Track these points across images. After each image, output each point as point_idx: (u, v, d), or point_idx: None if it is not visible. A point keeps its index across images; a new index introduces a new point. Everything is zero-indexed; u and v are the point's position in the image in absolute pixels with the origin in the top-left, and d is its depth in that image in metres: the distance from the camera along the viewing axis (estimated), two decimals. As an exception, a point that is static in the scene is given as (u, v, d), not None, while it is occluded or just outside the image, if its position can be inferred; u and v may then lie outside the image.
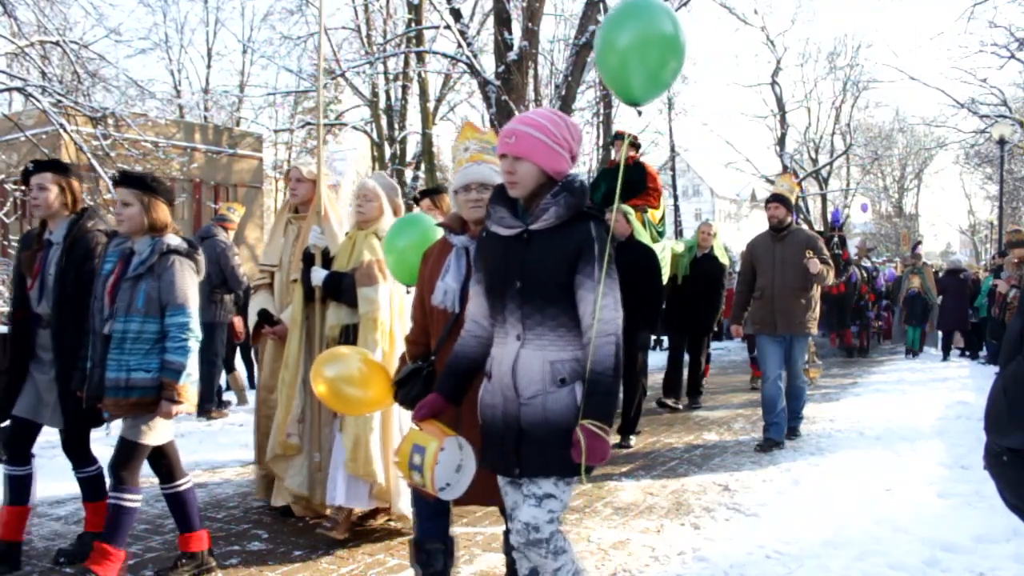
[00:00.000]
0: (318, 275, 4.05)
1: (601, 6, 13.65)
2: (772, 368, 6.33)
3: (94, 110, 11.99)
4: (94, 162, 12.05)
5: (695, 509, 4.60)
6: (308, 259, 4.16)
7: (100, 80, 12.80)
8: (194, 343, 3.33)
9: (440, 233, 3.11)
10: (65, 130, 11.59)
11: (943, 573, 3.57)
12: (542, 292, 2.33)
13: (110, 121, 12.33)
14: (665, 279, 7.30)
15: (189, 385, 3.31)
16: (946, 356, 13.70)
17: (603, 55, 2.55)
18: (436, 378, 2.77)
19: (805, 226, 6.68)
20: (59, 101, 11.57)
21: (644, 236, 6.59)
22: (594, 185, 7.43)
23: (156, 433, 3.36)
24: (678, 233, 25.58)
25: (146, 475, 3.45)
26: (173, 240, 3.41)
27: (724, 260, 8.50)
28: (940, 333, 14.56)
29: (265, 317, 4.43)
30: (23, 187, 3.74)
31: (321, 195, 4.27)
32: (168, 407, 3.27)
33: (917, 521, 4.23)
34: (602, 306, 2.28)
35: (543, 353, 2.33)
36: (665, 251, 7.44)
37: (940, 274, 17.78)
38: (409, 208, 5.58)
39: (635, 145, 7.67)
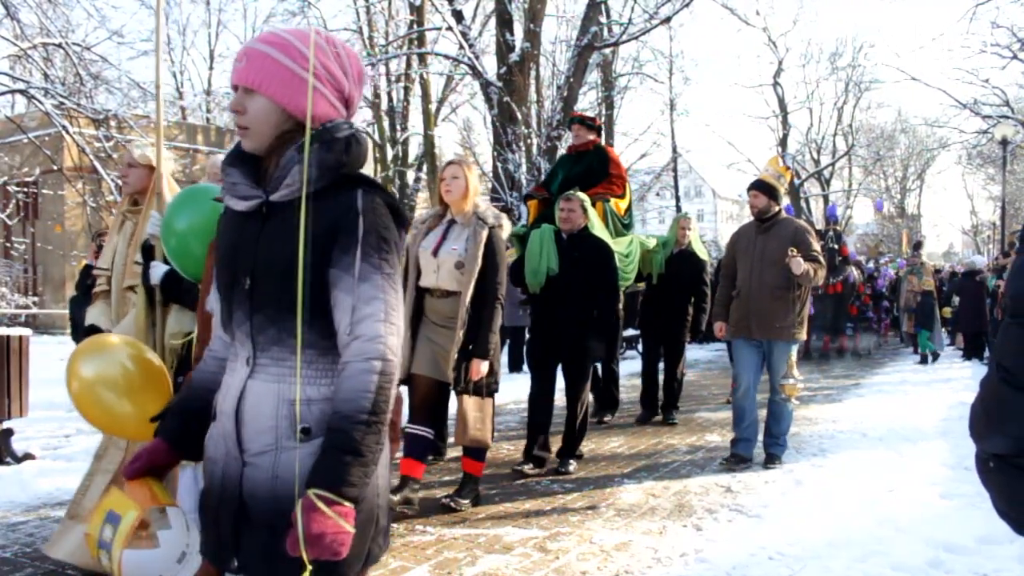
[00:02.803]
0: (156, 272, 3.32)
1: (603, 7, 13.66)
2: (745, 375, 5.64)
3: (96, 112, 12.02)
4: (96, 164, 12.08)
5: (697, 510, 4.60)
6: (147, 252, 3.40)
7: (102, 82, 12.85)
8: None
9: None
10: (67, 132, 11.62)
11: (946, 574, 3.56)
12: (280, 295, 1.55)
13: (112, 123, 12.37)
14: (632, 277, 6.69)
15: None
16: (968, 356, 13.50)
17: None
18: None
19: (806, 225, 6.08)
20: (61, 103, 11.61)
21: (599, 229, 5.84)
22: (551, 174, 6.98)
23: None
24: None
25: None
26: None
27: (704, 256, 7.64)
28: (960, 335, 14.49)
29: (91, 334, 3.46)
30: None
31: (161, 179, 3.53)
32: None
33: (920, 522, 4.22)
34: (363, 315, 1.52)
35: (280, 387, 1.56)
36: (632, 245, 6.66)
37: (943, 273, 17.79)
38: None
39: (594, 128, 6.87)
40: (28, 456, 5.60)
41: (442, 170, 4.58)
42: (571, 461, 5.53)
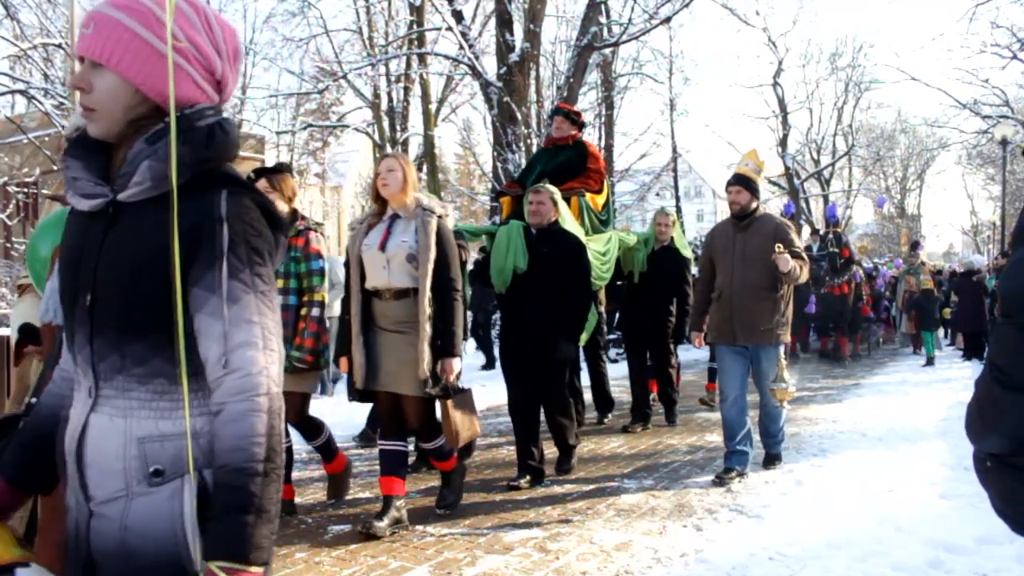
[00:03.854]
0: None
1: (603, 7, 13.65)
2: (731, 386, 5.30)
3: (96, 112, 12.03)
4: (96, 164, 12.09)
5: (697, 511, 4.60)
6: None
7: (102, 82, 12.86)
8: None
9: None
10: (67, 132, 11.63)
11: (946, 574, 3.57)
12: (124, 314, 1.30)
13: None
14: (609, 277, 6.52)
15: None
16: (968, 356, 13.46)
17: None
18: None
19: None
20: (61, 103, 11.63)
21: (571, 224, 5.59)
22: (528, 168, 6.81)
23: None
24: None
25: None
26: None
27: (687, 254, 7.35)
28: (959, 335, 14.52)
29: (28, 333, 3.17)
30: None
31: None
32: None
33: (920, 522, 4.23)
34: (237, 344, 1.29)
35: (127, 423, 1.30)
36: (611, 243, 6.44)
37: (943, 274, 17.79)
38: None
39: (576, 122, 6.71)
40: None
41: (377, 164, 4.37)
42: (570, 460, 5.52)
